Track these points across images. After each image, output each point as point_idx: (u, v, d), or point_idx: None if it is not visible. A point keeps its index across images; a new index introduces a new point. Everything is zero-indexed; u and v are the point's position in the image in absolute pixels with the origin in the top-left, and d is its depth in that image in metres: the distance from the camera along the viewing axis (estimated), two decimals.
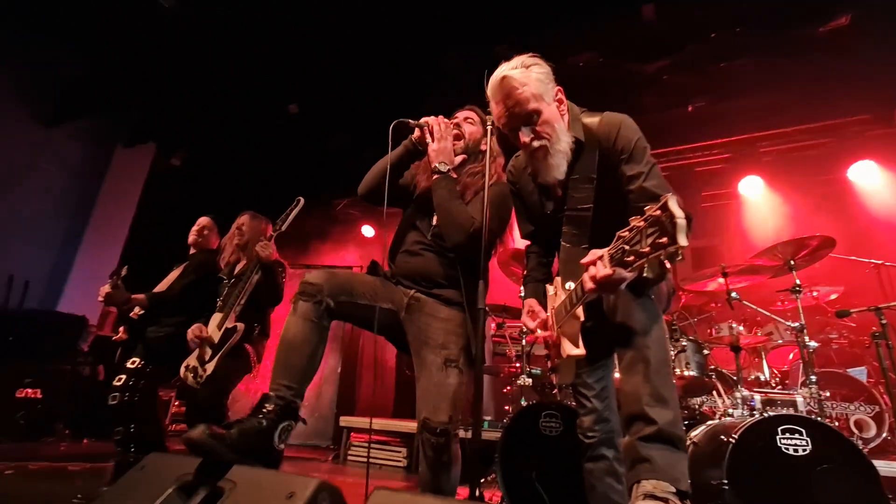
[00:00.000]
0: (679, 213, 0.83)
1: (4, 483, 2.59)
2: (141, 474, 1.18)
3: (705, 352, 2.52)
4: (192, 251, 3.00)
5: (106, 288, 2.57)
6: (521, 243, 2.10)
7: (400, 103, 4.68)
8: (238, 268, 2.73)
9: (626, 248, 0.94)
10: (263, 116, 5.30)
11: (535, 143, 1.34)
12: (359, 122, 5.08)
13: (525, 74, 1.33)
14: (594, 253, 1.05)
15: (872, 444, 2.85)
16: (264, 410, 1.37)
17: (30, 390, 4.12)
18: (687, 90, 4.72)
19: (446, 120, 1.76)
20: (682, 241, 0.83)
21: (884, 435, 2.93)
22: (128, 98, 5.43)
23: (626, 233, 0.95)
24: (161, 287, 2.85)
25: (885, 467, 1.77)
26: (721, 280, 2.75)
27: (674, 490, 1.02)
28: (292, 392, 1.43)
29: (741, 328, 2.60)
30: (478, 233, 1.52)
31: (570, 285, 1.24)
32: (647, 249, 0.89)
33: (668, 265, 0.91)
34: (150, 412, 2.51)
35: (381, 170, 1.76)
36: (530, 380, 2.96)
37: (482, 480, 2.71)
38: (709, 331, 3.22)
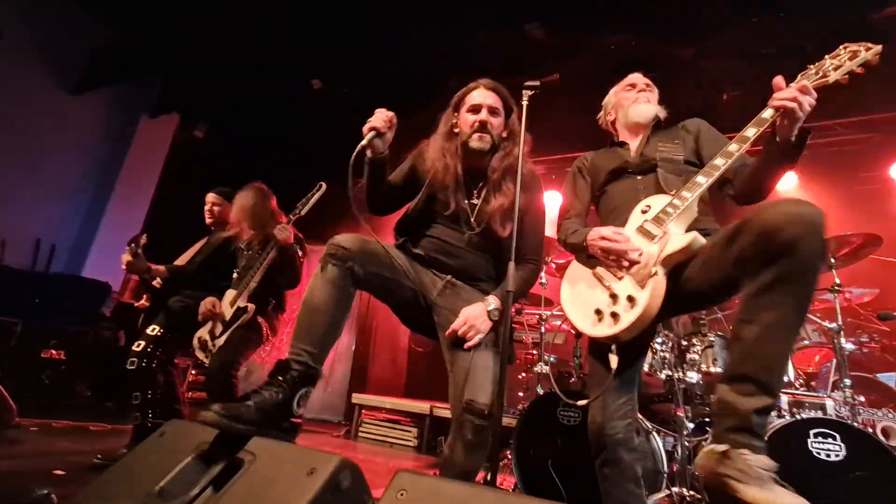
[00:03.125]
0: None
1: (29, 439, 2.67)
2: (160, 441, 1.18)
3: None
4: (212, 228, 3.01)
5: (126, 256, 2.59)
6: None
7: (426, 81, 4.58)
8: (256, 240, 2.72)
9: (829, 61, 1.27)
10: (287, 90, 5.26)
11: (646, 91, 1.79)
12: (383, 99, 5.00)
13: None
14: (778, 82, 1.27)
15: None
16: (280, 378, 1.35)
17: (54, 351, 4.24)
18: (723, 77, 4.52)
19: (374, 117, 1.63)
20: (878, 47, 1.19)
21: None
22: (153, 68, 5.44)
23: (824, 60, 1.30)
24: (182, 260, 2.87)
25: None
26: None
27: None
28: (313, 357, 1.39)
29: None
30: (539, 269, 1.74)
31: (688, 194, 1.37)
32: (847, 62, 1.25)
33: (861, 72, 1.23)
34: (168, 380, 2.54)
35: (368, 197, 1.75)
36: (547, 367, 2.91)
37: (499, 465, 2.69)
38: (731, 328, 3.12)
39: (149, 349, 2.43)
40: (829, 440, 1.76)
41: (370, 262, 1.50)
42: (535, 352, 3.07)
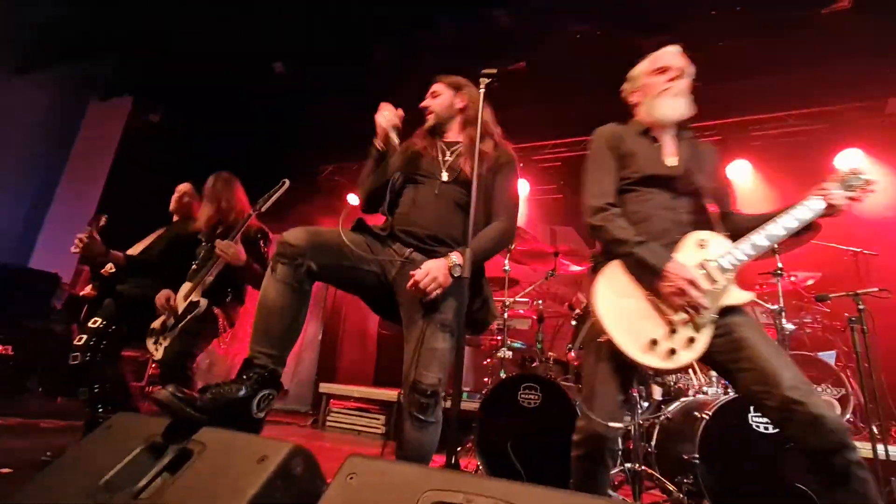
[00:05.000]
0: None
1: None
2: (107, 434, 1.15)
3: None
4: (174, 217, 2.90)
5: (82, 237, 2.46)
6: None
7: (390, 66, 4.52)
8: (219, 230, 2.64)
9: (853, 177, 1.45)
10: (248, 74, 5.08)
11: (678, 79, 1.61)
12: (348, 86, 4.91)
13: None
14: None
15: None
16: (243, 378, 1.34)
17: (1, 347, 4.03)
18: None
19: (389, 115, 1.72)
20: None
21: (848, 416, 3.04)
22: (103, 47, 5.15)
23: (840, 177, 1.47)
24: (137, 249, 2.75)
25: None
26: None
27: None
28: (273, 360, 1.38)
29: None
30: (513, 228, 1.71)
31: (760, 239, 1.42)
32: (862, 183, 1.44)
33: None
34: (114, 373, 2.44)
35: (369, 185, 1.76)
36: (510, 353, 2.98)
37: (458, 449, 2.75)
38: None
39: (91, 342, 2.33)
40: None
41: (323, 254, 1.47)
42: (499, 337, 3.13)
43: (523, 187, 5.97)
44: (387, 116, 1.69)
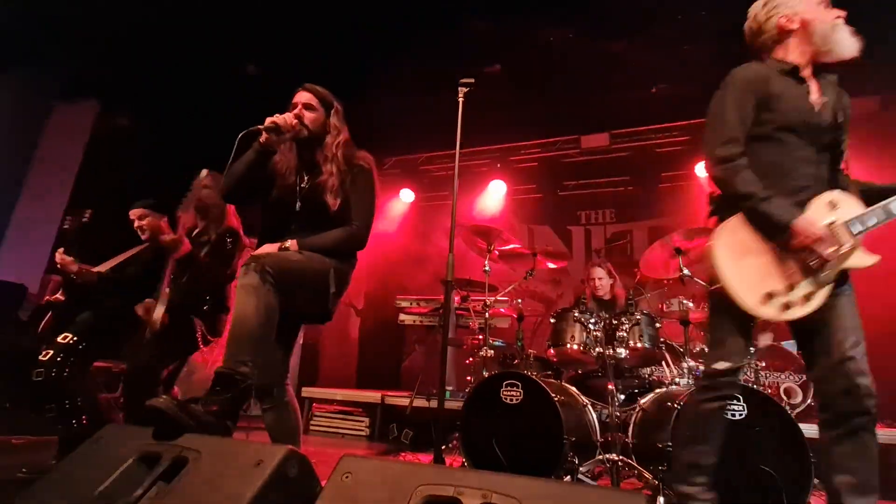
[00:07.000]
0: None
1: None
2: (97, 446, 1.15)
3: (657, 325, 2.66)
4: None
5: (67, 260, 2.38)
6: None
7: (362, 65, 4.52)
8: (196, 233, 2.59)
9: None
10: (221, 74, 5.00)
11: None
12: (321, 85, 4.87)
13: None
14: None
15: (798, 410, 3.13)
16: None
17: None
18: (653, 71, 4.79)
19: (290, 116, 1.81)
20: None
21: (808, 401, 3.23)
22: (68, 46, 4.97)
23: None
24: (115, 261, 2.66)
25: (808, 430, 1.95)
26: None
27: None
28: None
29: (690, 304, 2.76)
30: (362, 233, 1.81)
31: None
32: None
33: None
34: (85, 389, 2.37)
35: (237, 175, 1.80)
36: (492, 351, 3.04)
37: (443, 447, 2.80)
38: (660, 305, 3.40)
39: (59, 358, 2.25)
40: (734, 401, 1.99)
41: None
42: (480, 336, 3.19)
43: (500, 187, 6.07)
44: (277, 116, 1.77)
